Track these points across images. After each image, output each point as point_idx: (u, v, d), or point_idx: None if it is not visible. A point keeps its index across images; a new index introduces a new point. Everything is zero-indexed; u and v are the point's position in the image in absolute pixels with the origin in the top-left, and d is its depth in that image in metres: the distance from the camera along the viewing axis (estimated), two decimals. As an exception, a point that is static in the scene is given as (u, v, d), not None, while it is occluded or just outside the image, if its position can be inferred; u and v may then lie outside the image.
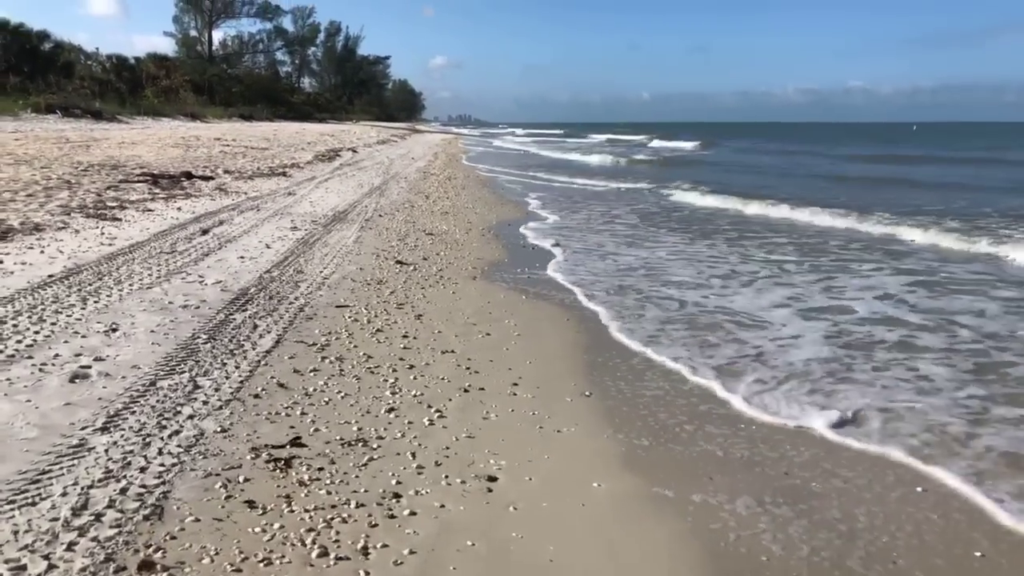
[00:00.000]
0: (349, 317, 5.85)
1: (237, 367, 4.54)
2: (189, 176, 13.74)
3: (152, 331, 5.06)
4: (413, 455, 3.57)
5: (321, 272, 7.31)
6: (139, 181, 12.38)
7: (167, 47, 78.96)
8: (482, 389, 4.52)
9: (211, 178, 14.12)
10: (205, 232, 8.74)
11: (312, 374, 4.57)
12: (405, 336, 5.48)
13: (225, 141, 25.15)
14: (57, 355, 4.47)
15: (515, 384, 4.63)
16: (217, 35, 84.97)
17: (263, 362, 4.69)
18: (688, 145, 50.44)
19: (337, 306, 6.16)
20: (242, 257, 7.64)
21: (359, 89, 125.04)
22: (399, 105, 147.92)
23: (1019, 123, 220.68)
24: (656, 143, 56.22)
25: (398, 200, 13.91)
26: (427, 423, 3.97)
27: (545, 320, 6.21)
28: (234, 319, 5.50)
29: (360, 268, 7.69)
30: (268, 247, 8.29)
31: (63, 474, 3.09)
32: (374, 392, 4.36)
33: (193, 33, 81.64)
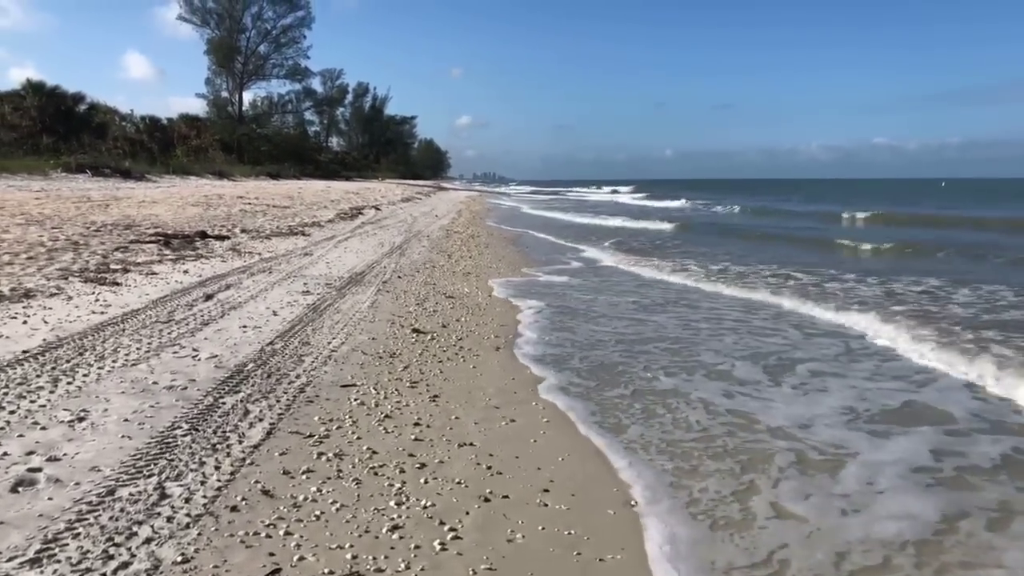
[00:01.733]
0: (355, 399, 5.15)
1: (217, 467, 3.84)
2: (203, 236, 13.30)
3: (126, 420, 4.38)
4: (418, 599, 2.82)
5: (329, 344, 6.64)
6: (150, 241, 11.94)
7: (200, 108, 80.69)
8: (506, 497, 3.76)
9: (226, 237, 13.67)
10: (209, 298, 8.15)
11: (304, 477, 3.84)
12: (417, 424, 4.76)
13: (248, 199, 24.98)
14: (5, 454, 3.80)
15: (545, 491, 3.86)
16: (247, 96, 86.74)
17: (249, 460, 3.98)
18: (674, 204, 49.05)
19: (343, 385, 5.47)
20: (245, 326, 7.01)
21: (386, 148, 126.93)
22: (425, 163, 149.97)
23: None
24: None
25: (419, 260, 13.34)
26: (438, 547, 3.21)
27: (578, 402, 5.46)
28: (223, 403, 4.82)
29: (372, 338, 7.02)
30: (275, 314, 7.66)
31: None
32: (376, 502, 3.62)
33: (224, 94, 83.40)
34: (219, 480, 3.70)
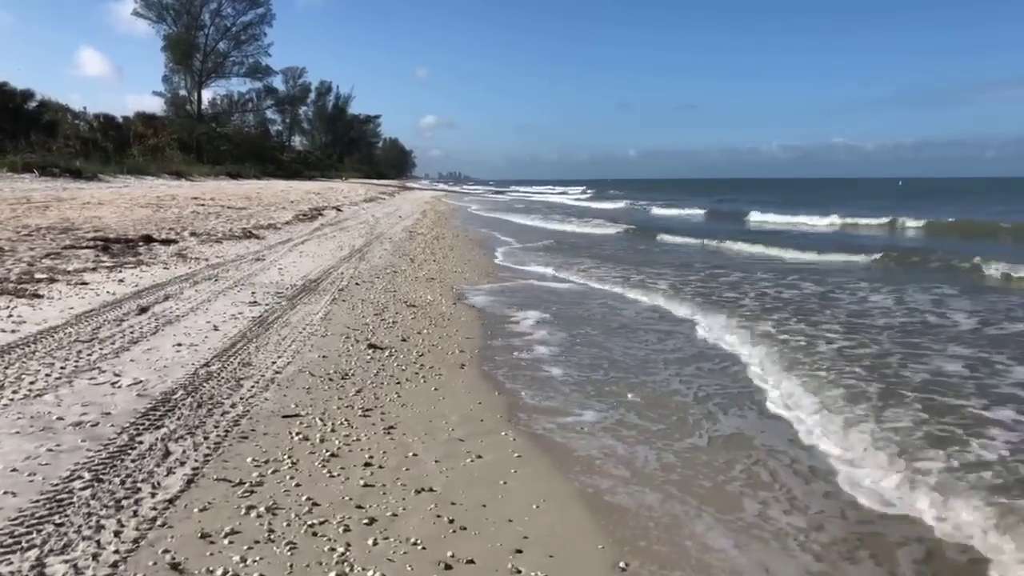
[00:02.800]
0: (297, 433, 4.47)
1: (118, 532, 3.15)
2: (148, 240, 12.43)
3: (13, 470, 3.65)
4: None
5: (274, 364, 5.94)
6: (88, 247, 11.06)
7: (157, 106, 78.61)
8: (471, 563, 3.13)
9: (173, 242, 12.81)
10: (144, 311, 7.37)
11: (227, 541, 3.17)
12: (368, 464, 4.10)
13: (203, 200, 23.96)
14: None
15: (518, 551, 3.24)
16: (207, 94, 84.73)
17: (161, 520, 3.29)
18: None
19: (284, 416, 4.78)
20: (179, 344, 6.26)
21: (349, 147, 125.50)
22: (390, 163, 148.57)
23: (1001, 179, 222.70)
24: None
25: (380, 264, 12.62)
26: (386, 641, 2.57)
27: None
28: (140, 443, 4.11)
29: (323, 356, 6.32)
30: (216, 329, 6.92)
31: None
32: (312, 574, 2.96)
33: (183, 92, 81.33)
34: (118, 551, 3.00)
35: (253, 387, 5.28)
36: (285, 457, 4.11)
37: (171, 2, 78.85)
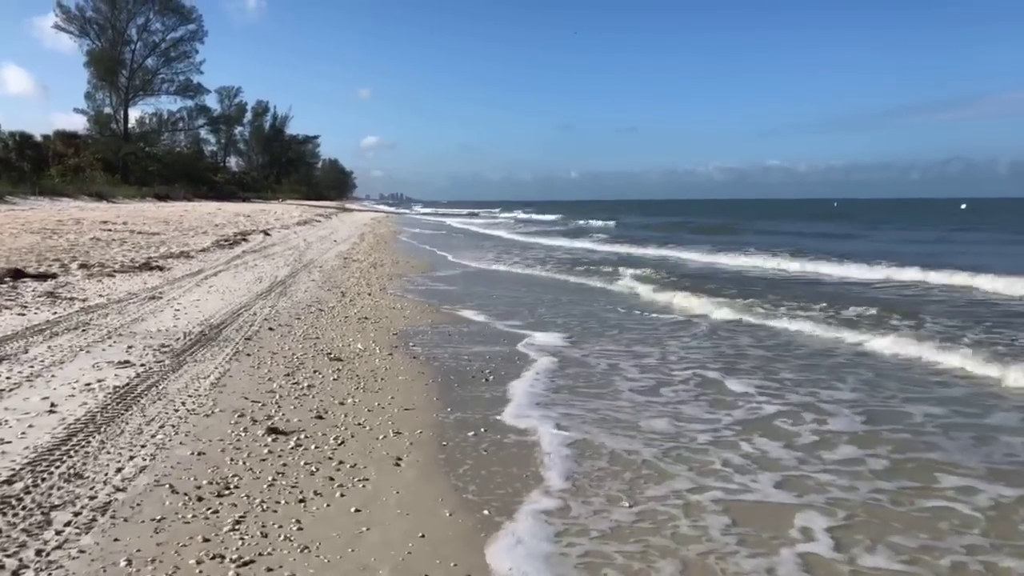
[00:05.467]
0: (109, 637, 2.60)
1: None
2: (17, 275, 10.25)
3: None
4: None
5: (119, 472, 4.03)
6: (-70, 285, 8.86)
7: (80, 125, 74.58)
8: None
9: (51, 276, 10.64)
10: (-45, 382, 5.34)
11: None
12: None
13: (112, 224, 21.52)
14: None
15: None
16: (135, 112, 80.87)
17: None
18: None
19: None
20: (-17, 441, 4.30)
21: (287, 168, 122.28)
22: (329, 184, 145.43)
23: (926, 199, 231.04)
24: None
25: (303, 300, 10.69)
26: None
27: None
28: None
29: (198, 452, 4.43)
30: (52, 409, 4.96)
31: None
32: None
33: (108, 110, 77.32)
34: None
35: (66, 528, 3.37)
36: None
37: (94, 16, 75.12)
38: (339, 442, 4.77)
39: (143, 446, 4.43)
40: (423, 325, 9.25)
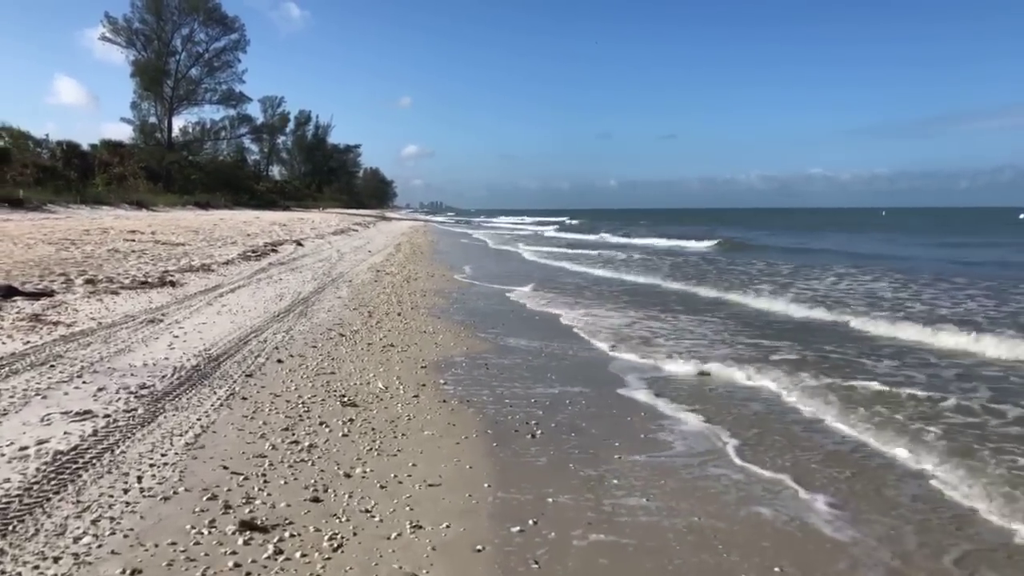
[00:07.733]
0: None
1: None
2: (10, 293, 9.18)
3: None
4: None
5: (1, 611, 2.74)
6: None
7: (127, 134, 75.64)
8: None
9: (46, 295, 9.56)
10: None
11: None
12: None
13: (137, 235, 20.66)
14: None
15: None
16: (179, 122, 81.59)
17: None
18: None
19: None
20: None
21: (329, 177, 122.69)
22: (370, 192, 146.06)
23: (975, 208, 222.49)
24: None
25: (324, 321, 9.44)
26: None
27: None
28: None
29: (132, 571, 3.12)
30: (-40, 490, 3.71)
31: None
32: None
33: (152, 120, 78.08)
34: None
35: None
36: None
37: (140, 27, 75.90)
38: (335, 547, 3.43)
39: (56, 559, 3.13)
40: (458, 355, 7.91)
